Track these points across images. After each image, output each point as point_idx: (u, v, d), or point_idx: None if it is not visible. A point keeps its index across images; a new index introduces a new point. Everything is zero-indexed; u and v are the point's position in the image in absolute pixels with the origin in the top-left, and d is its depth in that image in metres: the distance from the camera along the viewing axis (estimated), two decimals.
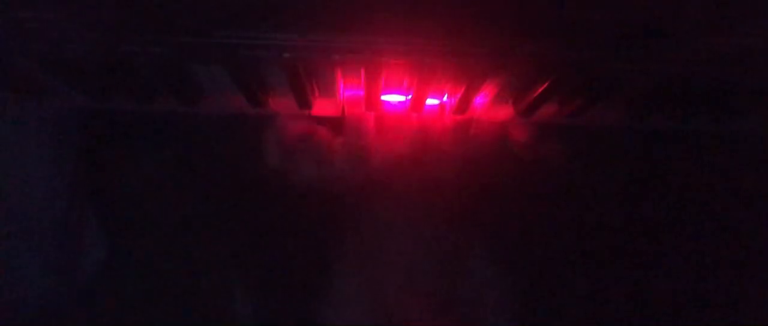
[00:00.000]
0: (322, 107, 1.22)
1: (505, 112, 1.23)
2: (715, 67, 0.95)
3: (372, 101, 1.17)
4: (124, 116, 1.22)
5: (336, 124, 1.25)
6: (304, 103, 1.17)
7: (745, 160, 1.30)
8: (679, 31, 0.83)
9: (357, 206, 1.26)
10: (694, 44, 0.87)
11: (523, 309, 1.28)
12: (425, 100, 1.15)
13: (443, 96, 1.20)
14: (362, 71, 1.02)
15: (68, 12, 0.79)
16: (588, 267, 1.29)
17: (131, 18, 0.82)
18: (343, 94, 1.18)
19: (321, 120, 1.25)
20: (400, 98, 1.21)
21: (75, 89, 1.14)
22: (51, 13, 0.79)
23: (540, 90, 1.08)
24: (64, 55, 0.93)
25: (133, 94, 1.16)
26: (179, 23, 0.83)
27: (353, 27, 0.84)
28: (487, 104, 1.20)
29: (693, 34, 0.83)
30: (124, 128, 1.24)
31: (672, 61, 0.92)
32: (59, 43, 0.88)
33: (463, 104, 1.17)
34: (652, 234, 1.30)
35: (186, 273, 1.23)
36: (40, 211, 1.22)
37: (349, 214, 1.26)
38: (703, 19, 0.78)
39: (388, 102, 1.22)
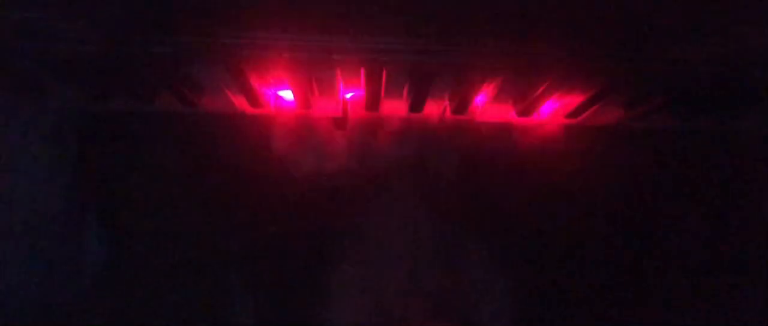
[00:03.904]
0: (322, 107, 1.22)
1: (505, 112, 1.23)
2: (715, 67, 0.95)
3: (372, 101, 1.17)
4: (124, 116, 1.22)
5: (336, 124, 1.25)
6: (304, 103, 1.17)
7: (745, 160, 1.30)
8: (679, 31, 0.83)
9: (357, 206, 1.26)
10: (694, 44, 0.87)
11: (524, 309, 1.28)
12: (425, 100, 1.15)
13: (443, 96, 1.20)
14: (362, 71, 1.02)
15: (68, 12, 0.79)
16: (588, 267, 1.29)
17: (132, 18, 0.82)
18: (343, 94, 1.18)
19: (321, 120, 1.25)
20: (400, 98, 1.21)
21: (75, 89, 1.14)
22: (51, 13, 0.79)
23: (540, 90, 1.08)
24: (64, 55, 0.93)
25: (133, 94, 1.16)
26: (179, 23, 0.83)
27: (353, 27, 0.84)
28: (487, 104, 1.20)
29: (693, 34, 0.83)
30: (124, 128, 1.24)
31: (672, 61, 0.92)
32: (59, 43, 0.88)
33: (463, 104, 1.17)
34: (652, 234, 1.30)
35: (186, 272, 1.24)
36: (40, 211, 1.22)
37: (349, 214, 1.26)
38: (703, 19, 0.78)
39: (387, 102, 1.22)
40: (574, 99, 1.15)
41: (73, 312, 1.22)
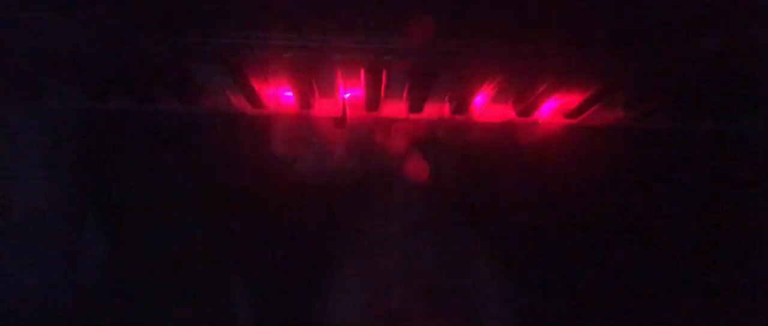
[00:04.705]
0: (322, 107, 1.22)
1: (505, 112, 1.23)
2: (715, 67, 0.95)
3: (372, 101, 1.17)
4: (124, 116, 1.22)
5: (336, 124, 1.25)
6: (304, 103, 1.17)
7: (745, 160, 1.30)
8: (678, 31, 0.83)
9: (357, 206, 1.26)
10: (693, 44, 0.87)
11: (524, 309, 1.28)
12: (425, 100, 1.15)
13: (443, 96, 1.20)
14: (362, 71, 1.02)
15: (68, 12, 0.79)
16: (588, 267, 1.29)
17: (132, 18, 0.82)
18: (343, 94, 1.18)
19: (321, 120, 1.25)
20: (400, 98, 1.21)
21: (75, 89, 1.14)
22: (51, 13, 0.79)
23: (540, 90, 1.08)
24: (64, 55, 0.93)
25: (133, 94, 1.16)
26: (179, 23, 0.83)
27: (353, 27, 0.84)
28: (487, 104, 1.20)
29: (693, 33, 0.83)
30: (124, 128, 1.24)
31: (672, 61, 0.92)
32: (59, 43, 0.88)
33: (463, 104, 1.17)
34: (652, 234, 1.30)
35: (186, 273, 1.23)
36: (40, 211, 1.22)
37: (349, 214, 1.26)
38: (704, 18, 0.78)
39: (388, 102, 1.22)
40: (574, 99, 1.15)
41: (73, 312, 1.22)
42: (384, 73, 1.01)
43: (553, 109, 1.22)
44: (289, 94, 1.17)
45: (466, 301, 1.28)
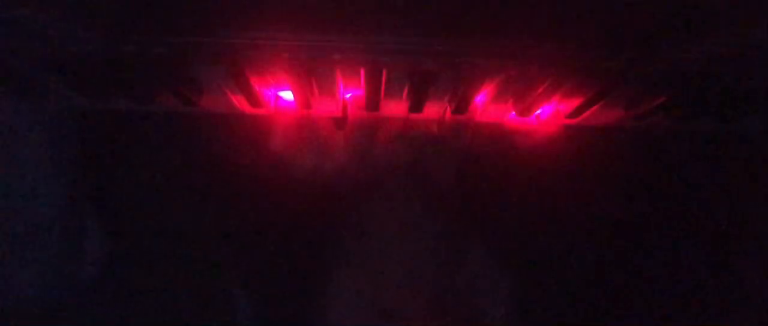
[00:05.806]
0: (322, 107, 1.22)
1: (505, 112, 1.23)
2: (715, 67, 0.95)
3: (372, 101, 1.17)
4: (124, 116, 1.22)
5: (336, 124, 1.25)
6: (304, 103, 1.17)
7: (746, 161, 1.30)
8: (678, 31, 0.83)
9: (357, 206, 1.26)
10: (694, 44, 0.87)
11: (524, 309, 1.28)
12: (425, 100, 1.15)
13: (443, 96, 1.20)
14: (362, 71, 1.01)
15: (68, 12, 0.79)
16: (588, 267, 1.29)
17: (131, 18, 0.82)
18: (343, 94, 1.18)
19: (321, 120, 1.25)
20: (400, 98, 1.21)
21: (75, 89, 1.14)
22: (51, 13, 0.79)
23: (540, 90, 1.08)
24: (64, 55, 0.93)
25: (133, 94, 1.16)
26: (179, 23, 0.83)
27: (353, 27, 0.84)
28: (487, 104, 1.20)
29: (693, 33, 0.83)
30: (124, 128, 1.24)
31: (672, 61, 0.92)
32: (59, 43, 0.88)
33: (463, 104, 1.17)
34: (652, 235, 1.30)
35: (186, 273, 1.24)
36: (40, 211, 1.22)
37: (349, 214, 1.26)
38: (703, 19, 0.78)
39: (388, 102, 1.22)
40: (574, 99, 1.15)
41: (73, 312, 1.22)
42: (384, 73, 1.01)
43: (553, 109, 1.22)
44: (289, 94, 1.17)
45: (466, 302, 1.28)
